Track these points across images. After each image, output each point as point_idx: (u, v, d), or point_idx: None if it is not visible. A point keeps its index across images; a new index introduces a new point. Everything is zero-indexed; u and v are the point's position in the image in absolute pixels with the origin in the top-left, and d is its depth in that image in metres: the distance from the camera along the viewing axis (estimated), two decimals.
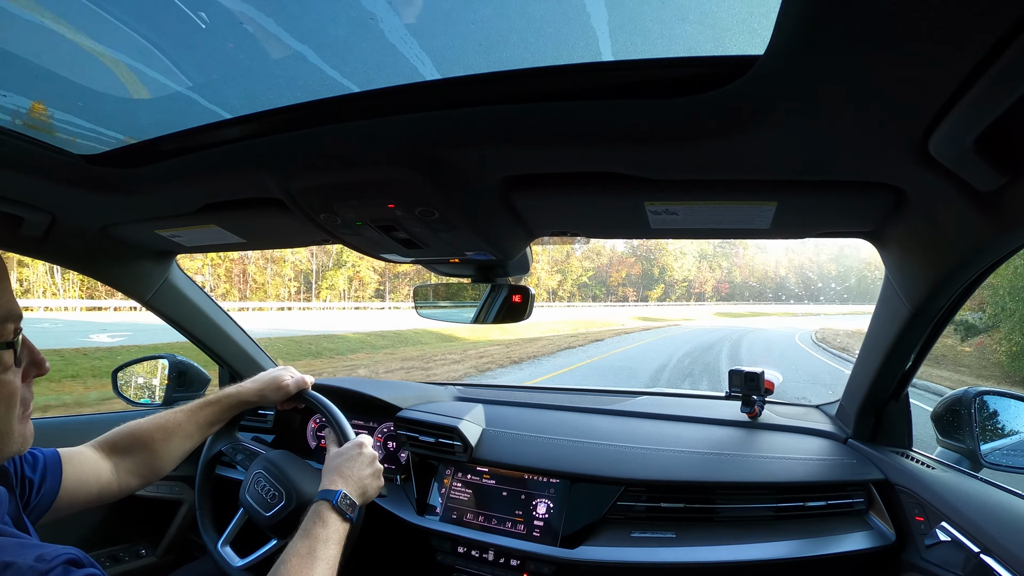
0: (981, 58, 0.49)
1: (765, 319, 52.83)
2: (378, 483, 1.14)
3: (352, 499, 1.04)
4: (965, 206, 0.76)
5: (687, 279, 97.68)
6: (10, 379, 0.71)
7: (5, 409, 0.71)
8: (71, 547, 0.64)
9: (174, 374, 1.87)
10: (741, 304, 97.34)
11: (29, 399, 0.76)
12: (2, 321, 0.70)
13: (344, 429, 1.23)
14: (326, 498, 1.02)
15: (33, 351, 0.77)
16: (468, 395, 1.92)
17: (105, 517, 1.69)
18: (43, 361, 0.78)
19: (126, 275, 1.55)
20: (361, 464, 1.12)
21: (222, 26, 0.67)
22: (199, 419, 1.21)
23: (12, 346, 0.71)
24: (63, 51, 0.74)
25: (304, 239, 1.35)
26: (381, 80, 0.74)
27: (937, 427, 1.33)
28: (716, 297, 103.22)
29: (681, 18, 0.60)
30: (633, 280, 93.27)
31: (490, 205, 0.96)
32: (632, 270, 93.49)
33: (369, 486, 1.11)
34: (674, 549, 1.23)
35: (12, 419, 0.72)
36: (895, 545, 1.20)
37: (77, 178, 1.04)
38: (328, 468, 1.11)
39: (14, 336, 0.72)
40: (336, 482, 1.06)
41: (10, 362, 0.71)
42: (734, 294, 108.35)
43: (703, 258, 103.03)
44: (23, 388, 0.74)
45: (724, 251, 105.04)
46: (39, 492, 0.92)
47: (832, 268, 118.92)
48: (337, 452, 1.15)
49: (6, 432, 0.72)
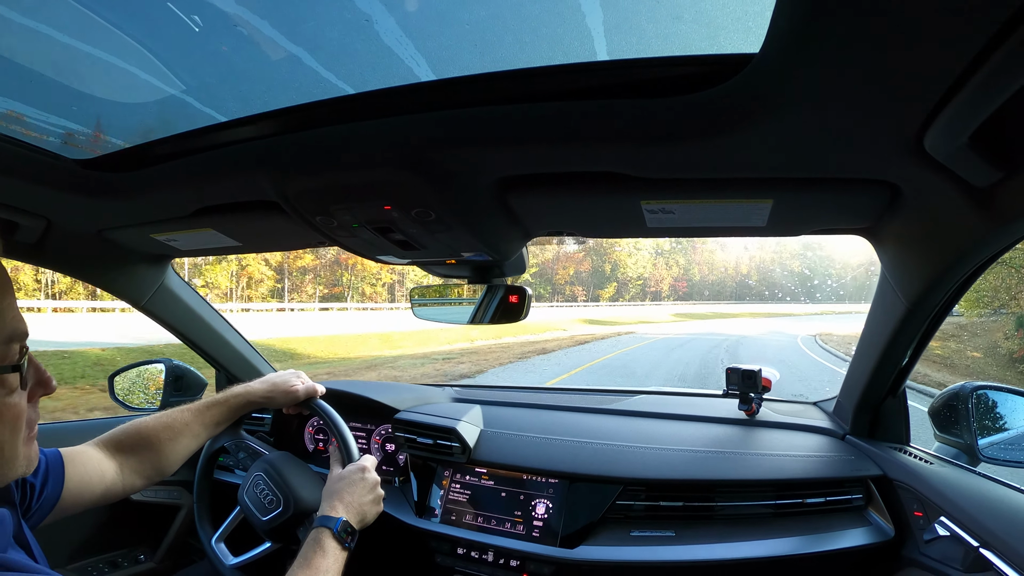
0: (976, 54, 0.49)
1: (734, 321, 45.34)
2: (377, 509, 1.15)
3: (352, 527, 1.05)
4: (961, 202, 0.76)
5: (642, 277, 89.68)
6: (15, 401, 0.68)
7: (10, 433, 0.68)
8: None
9: (171, 378, 1.86)
10: (701, 303, 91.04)
11: (35, 420, 0.74)
12: (7, 341, 0.67)
13: (350, 448, 1.22)
14: (327, 525, 1.02)
15: (39, 370, 0.74)
16: (466, 396, 1.92)
17: (104, 522, 1.69)
18: (50, 380, 0.75)
19: (122, 279, 1.54)
20: (363, 490, 1.12)
21: (216, 29, 0.67)
22: (206, 419, 1.21)
23: (18, 368, 0.68)
24: (56, 55, 0.73)
25: (300, 242, 1.35)
26: (376, 82, 0.74)
27: (935, 422, 1.34)
28: (673, 296, 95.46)
29: (676, 17, 0.60)
30: (582, 278, 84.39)
31: (486, 206, 0.96)
32: (581, 267, 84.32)
33: (368, 512, 1.12)
34: (673, 548, 1.23)
35: (17, 443, 0.69)
36: (894, 540, 1.20)
37: (71, 183, 1.03)
38: (330, 491, 1.11)
39: (19, 358, 0.69)
40: (337, 508, 1.07)
41: (15, 385, 0.68)
42: (692, 293, 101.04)
43: (659, 254, 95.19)
44: (29, 409, 0.71)
45: (682, 247, 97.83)
46: (40, 497, 0.91)
47: (796, 265, 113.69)
48: (340, 475, 1.14)
49: (11, 456, 0.69)
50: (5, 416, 0.67)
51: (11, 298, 0.69)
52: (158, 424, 1.13)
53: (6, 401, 0.67)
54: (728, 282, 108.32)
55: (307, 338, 20.31)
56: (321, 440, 1.78)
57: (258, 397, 1.26)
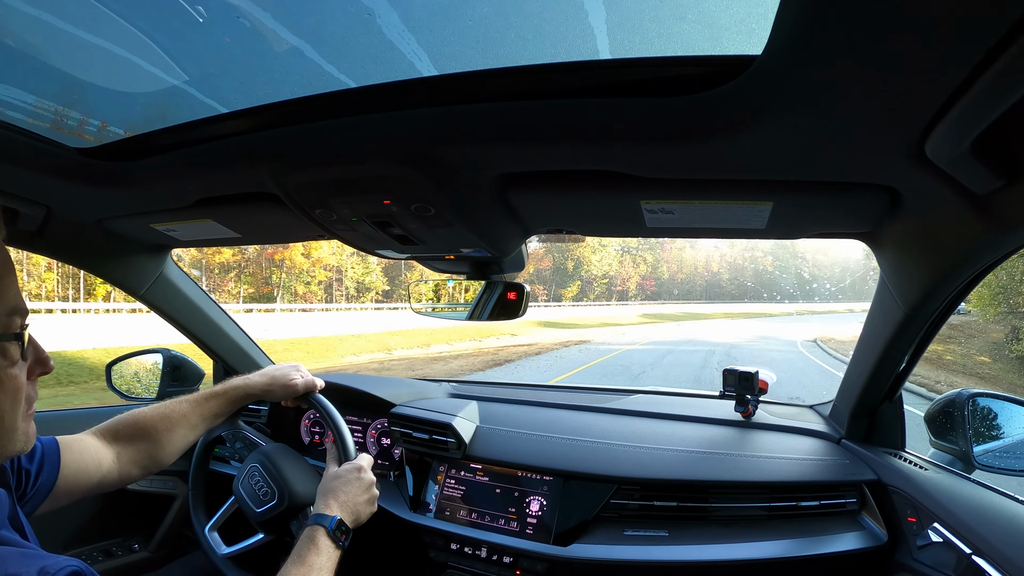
0: (978, 61, 0.49)
1: (710, 324, 39.91)
2: (372, 508, 1.15)
3: (346, 525, 1.05)
4: (961, 208, 0.76)
5: (607, 275, 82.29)
6: (16, 373, 0.70)
7: (11, 404, 0.69)
8: (74, 560, 0.63)
9: (168, 368, 1.86)
10: (671, 303, 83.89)
11: (33, 397, 0.75)
12: (9, 314, 0.69)
13: (347, 446, 1.22)
14: (321, 523, 1.02)
15: (38, 348, 0.75)
16: (462, 392, 1.92)
17: (98, 512, 1.69)
18: (48, 359, 0.76)
19: (121, 269, 1.54)
20: (359, 489, 1.13)
21: (219, 20, 0.67)
22: (204, 411, 1.21)
23: (19, 339, 0.70)
24: (60, 44, 0.73)
25: (299, 234, 1.35)
26: (378, 76, 0.74)
27: (930, 428, 1.34)
28: (641, 296, 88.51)
29: (679, 17, 0.60)
30: (544, 276, 76.66)
31: (486, 202, 0.96)
32: (542, 264, 76.38)
33: (363, 512, 1.12)
34: (667, 547, 1.24)
35: (17, 416, 0.71)
36: (887, 545, 1.21)
37: (73, 171, 1.03)
38: (325, 488, 1.12)
39: (20, 328, 0.70)
40: (332, 506, 1.07)
41: (17, 356, 0.69)
42: (661, 292, 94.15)
43: (626, 252, 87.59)
44: (28, 386, 0.72)
45: (649, 244, 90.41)
46: (35, 483, 0.91)
47: (768, 263, 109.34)
48: (336, 473, 1.15)
49: (10, 428, 0.70)
50: (6, 386, 0.68)
51: (13, 277, 0.70)
52: (156, 415, 1.13)
53: (8, 372, 0.68)
54: (698, 280, 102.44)
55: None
56: (317, 433, 1.79)
57: (257, 390, 1.26)
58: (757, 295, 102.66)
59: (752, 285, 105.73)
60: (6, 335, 0.68)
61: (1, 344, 0.68)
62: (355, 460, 1.19)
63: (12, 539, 0.67)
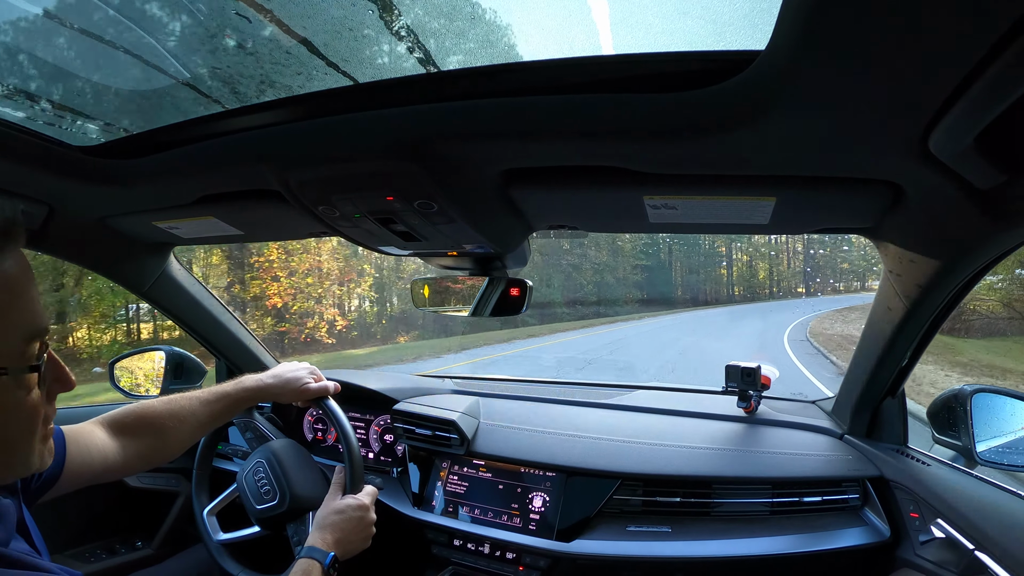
0: (983, 56, 0.49)
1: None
2: (364, 545, 1.17)
3: (339, 561, 1.08)
4: (964, 203, 0.76)
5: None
6: (34, 400, 0.66)
7: (28, 431, 0.66)
8: (76, 573, 0.63)
9: (170, 366, 1.86)
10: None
11: (52, 415, 0.72)
12: (27, 340, 0.64)
13: (356, 476, 1.21)
14: (318, 559, 1.04)
15: (58, 367, 0.71)
16: (465, 388, 1.92)
17: (102, 509, 1.69)
18: (68, 377, 0.72)
19: (124, 267, 1.54)
20: (358, 528, 1.15)
21: (220, 18, 0.67)
22: (213, 410, 1.20)
23: (37, 369, 0.65)
24: (62, 42, 0.73)
25: (302, 231, 1.34)
26: (381, 72, 0.74)
27: (933, 424, 1.33)
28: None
29: (683, 12, 0.60)
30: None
31: (489, 198, 0.96)
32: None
33: (356, 549, 1.14)
34: (670, 543, 1.24)
35: (34, 441, 0.68)
36: (890, 541, 1.21)
37: (75, 169, 1.03)
38: (325, 522, 1.12)
39: (39, 358, 0.66)
40: (329, 542, 1.08)
41: (34, 384, 0.65)
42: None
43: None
44: (46, 406, 0.69)
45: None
46: (41, 475, 0.90)
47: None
48: (339, 508, 1.15)
49: (27, 453, 0.67)
50: (21, 415, 0.65)
51: (34, 291, 0.66)
52: (164, 410, 1.13)
53: (24, 400, 0.65)
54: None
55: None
56: (320, 430, 1.79)
57: (267, 392, 1.26)
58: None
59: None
60: (22, 368, 0.64)
61: (17, 377, 0.64)
62: (360, 497, 1.19)
63: (21, 557, 0.65)
